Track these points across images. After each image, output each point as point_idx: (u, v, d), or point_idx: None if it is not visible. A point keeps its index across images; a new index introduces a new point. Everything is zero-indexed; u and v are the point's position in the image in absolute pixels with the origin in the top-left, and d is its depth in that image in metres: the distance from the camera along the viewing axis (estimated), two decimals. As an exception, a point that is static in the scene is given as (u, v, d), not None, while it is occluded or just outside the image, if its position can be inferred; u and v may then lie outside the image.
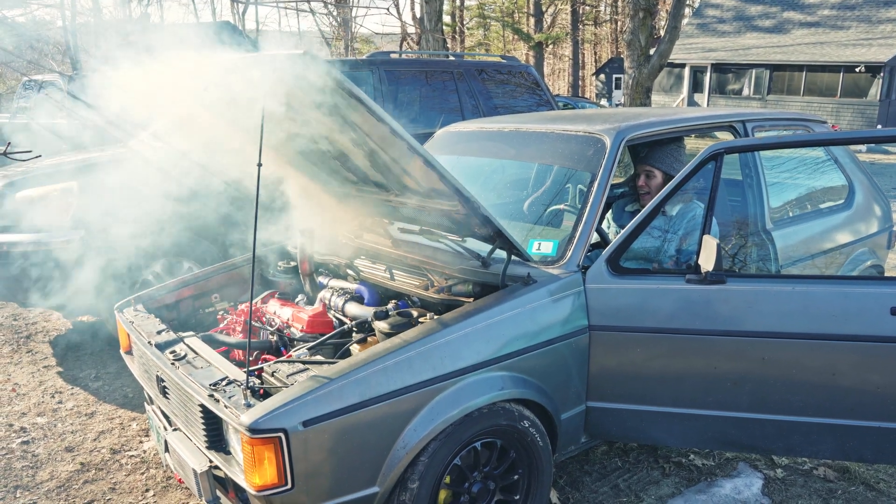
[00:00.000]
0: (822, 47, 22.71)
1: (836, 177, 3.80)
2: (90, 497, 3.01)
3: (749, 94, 24.04)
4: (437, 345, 2.16)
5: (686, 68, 25.33)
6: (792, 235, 3.31)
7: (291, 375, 2.15)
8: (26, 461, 3.31)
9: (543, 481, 2.51)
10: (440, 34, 14.56)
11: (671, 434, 2.59)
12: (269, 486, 1.92)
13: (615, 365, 2.52)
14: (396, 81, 5.91)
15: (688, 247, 2.89)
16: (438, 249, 2.80)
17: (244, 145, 2.79)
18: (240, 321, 2.88)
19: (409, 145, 2.06)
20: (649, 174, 3.14)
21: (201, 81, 2.41)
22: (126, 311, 2.93)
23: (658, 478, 3.03)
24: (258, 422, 1.88)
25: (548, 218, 3.04)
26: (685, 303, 2.42)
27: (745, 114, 3.38)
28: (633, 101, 13.13)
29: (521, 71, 6.90)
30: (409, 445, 2.09)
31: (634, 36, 12.71)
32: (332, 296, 2.87)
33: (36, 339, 4.98)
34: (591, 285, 2.49)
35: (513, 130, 3.27)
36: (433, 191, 2.36)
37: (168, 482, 3.10)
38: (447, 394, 2.15)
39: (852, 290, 2.33)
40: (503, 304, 2.32)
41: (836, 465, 3.08)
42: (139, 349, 2.68)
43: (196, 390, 2.17)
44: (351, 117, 2.13)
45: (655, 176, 3.13)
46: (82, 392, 4.07)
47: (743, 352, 2.38)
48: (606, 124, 2.89)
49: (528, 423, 2.39)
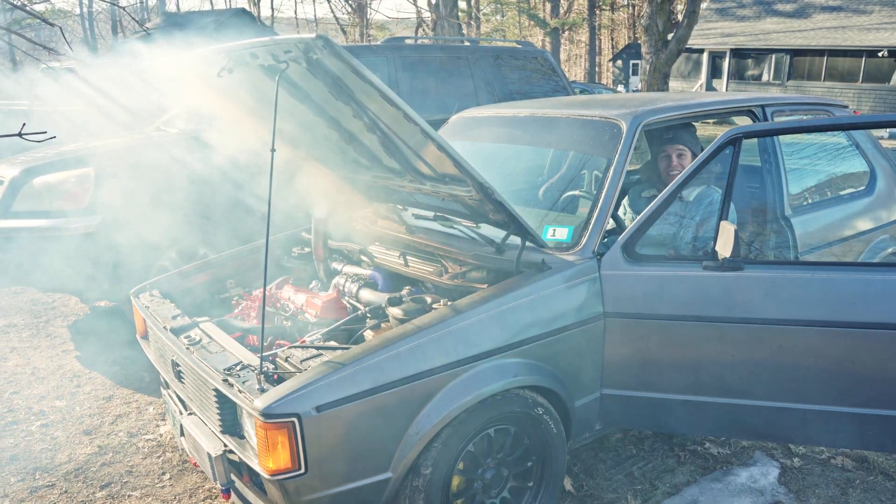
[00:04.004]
0: (844, 31, 22.32)
1: (858, 163, 3.73)
2: (107, 479, 3.04)
3: (769, 79, 23.70)
4: (450, 331, 2.15)
5: (704, 54, 25.01)
6: (811, 222, 3.26)
7: (305, 361, 2.15)
8: (45, 443, 3.35)
9: (557, 468, 2.51)
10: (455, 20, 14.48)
11: (686, 422, 2.57)
12: (283, 470, 1.93)
13: (630, 352, 2.50)
14: (411, 67, 5.87)
15: (705, 233, 2.86)
16: (452, 236, 2.78)
17: (258, 131, 2.79)
18: (254, 306, 2.88)
19: (423, 130, 2.04)
20: (681, 154, 3.11)
21: (216, 67, 2.41)
22: (142, 297, 2.95)
23: (673, 466, 3.02)
24: (272, 406, 1.89)
25: (563, 204, 3.01)
26: (702, 290, 2.39)
27: (764, 98, 3.33)
28: (650, 87, 13.01)
29: (537, 56, 6.83)
30: (422, 431, 2.09)
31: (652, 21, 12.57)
32: (345, 282, 2.87)
33: (54, 323, 5.04)
34: (607, 272, 2.46)
35: (528, 116, 3.24)
36: (447, 176, 2.34)
37: (184, 465, 3.13)
38: (461, 380, 2.15)
39: (873, 277, 2.29)
40: (517, 290, 2.30)
41: (854, 455, 3.05)
42: (155, 334, 2.70)
43: (211, 375, 2.18)
44: (365, 102, 2.12)
45: (686, 155, 3.10)
46: (99, 376, 4.11)
47: (760, 339, 2.35)
48: (623, 109, 2.86)
49: (542, 409, 2.38)
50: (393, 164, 2.52)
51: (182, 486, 2.98)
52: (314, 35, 1.87)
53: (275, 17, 34.43)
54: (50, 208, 4.22)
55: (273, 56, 2.09)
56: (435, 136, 2.06)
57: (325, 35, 1.88)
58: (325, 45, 1.87)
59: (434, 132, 2.06)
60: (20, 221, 4.23)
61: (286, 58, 2.04)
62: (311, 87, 2.23)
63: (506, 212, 2.30)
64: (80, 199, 4.23)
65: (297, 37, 1.92)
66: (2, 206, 4.26)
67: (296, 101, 2.41)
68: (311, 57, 1.96)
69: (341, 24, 28.97)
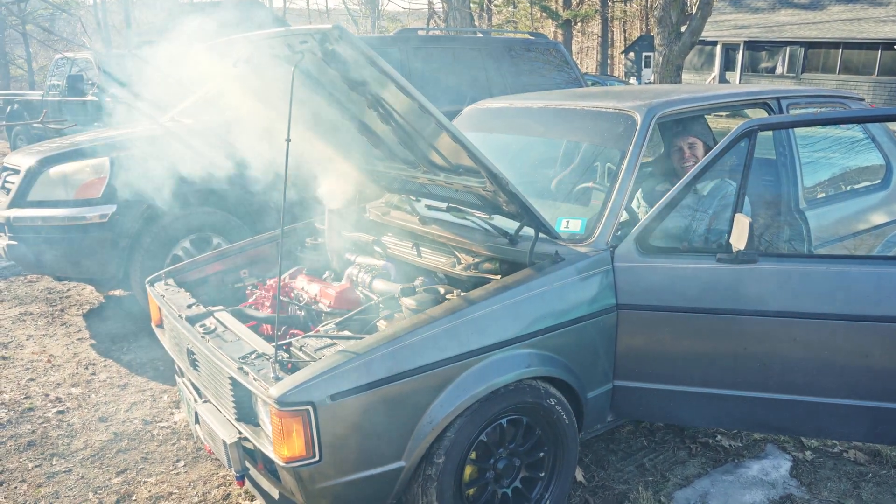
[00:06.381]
0: (859, 24, 22.08)
1: (874, 156, 3.70)
2: (123, 466, 3.08)
3: (783, 72, 23.51)
4: (463, 321, 2.16)
5: (718, 46, 24.81)
6: (826, 215, 3.24)
7: (319, 350, 2.16)
8: (62, 430, 3.39)
9: (569, 459, 2.52)
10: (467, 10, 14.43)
11: (698, 414, 2.57)
12: (297, 458, 1.95)
13: (643, 344, 2.50)
14: (424, 59, 5.87)
15: (719, 226, 2.85)
16: (465, 227, 2.79)
17: (273, 121, 2.80)
18: (268, 296, 2.90)
19: (438, 121, 2.04)
20: (693, 145, 3.10)
21: (230, 58, 2.42)
22: (157, 286, 2.98)
23: (684, 458, 3.02)
24: (287, 395, 1.90)
25: (576, 196, 3.01)
26: (715, 282, 2.39)
27: (779, 90, 3.30)
28: (663, 79, 12.93)
29: (550, 48, 6.81)
30: (435, 421, 2.10)
31: (665, 12, 12.48)
32: (359, 272, 2.88)
33: (70, 312, 5.09)
34: (620, 264, 2.46)
35: (541, 107, 3.24)
36: (461, 167, 2.34)
37: (198, 453, 3.16)
38: (473, 370, 2.16)
39: (887, 271, 2.28)
40: (530, 281, 2.30)
41: (867, 449, 3.04)
42: (170, 322, 2.72)
43: (226, 363, 2.19)
44: (380, 92, 2.12)
45: (698, 146, 3.09)
46: (115, 364, 4.15)
47: (774, 332, 2.34)
48: (637, 101, 2.85)
49: (555, 400, 2.39)
50: (407, 155, 2.52)
51: (197, 472, 3.02)
52: (330, 25, 1.88)
53: (287, 7, 34.41)
54: (66, 198, 4.26)
55: (289, 46, 2.09)
56: (450, 127, 2.06)
57: (341, 25, 1.89)
58: (341, 36, 1.88)
59: (449, 123, 2.06)
60: (36, 210, 4.27)
61: (302, 48, 2.05)
62: (327, 77, 2.24)
63: (519, 203, 2.30)
64: (96, 188, 4.26)
65: (314, 27, 1.92)
66: (18, 196, 4.31)
67: (311, 92, 2.42)
68: (326, 47, 1.96)
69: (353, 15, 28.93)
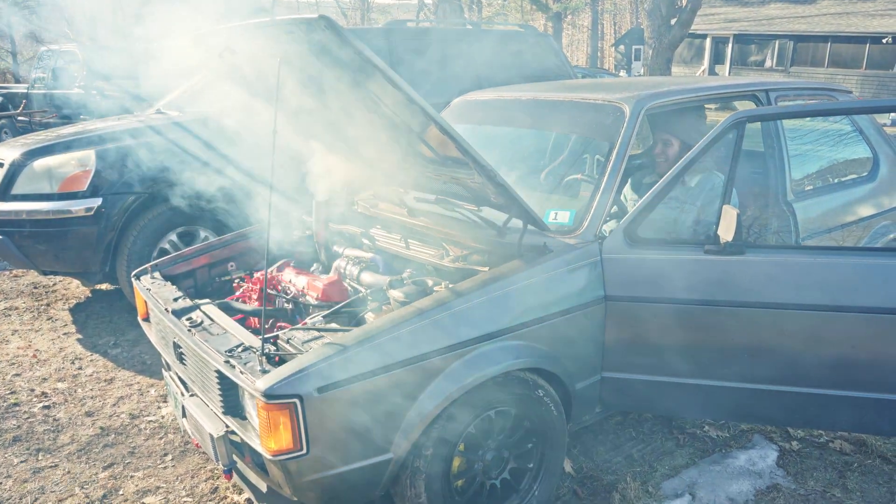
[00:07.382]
0: (848, 17, 22.18)
1: (861, 149, 3.72)
2: (110, 460, 3.06)
3: (772, 65, 23.57)
4: (451, 313, 2.15)
5: (707, 39, 24.86)
6: (814, 207, 3.26)
7: (307, 342, 2.15)
8: (48, 425, 3.37)
9: (557, 450, 2.52)
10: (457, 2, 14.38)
11: (686, 405, 2.58)
12: (285, 450, 1.94)
13: (631, 335, 2.51)
14: (413, 50, 5.84)
15: (706, 217, 2.85)
16: (454, 219, 2.78)
17: (259, 112, 2.78)
18: (255, 289, 2.89)
19: (426, 112, 2.03)
20: (666, 142, 3.10)
21: (217, 48, 2.39)
22: (143, 279, 2.95)
23: (672, 448, 3.03)
24: (273, 388, 1.89)
25: (565, 187, 3.01)
26: (703, 273, 2.39)
27: (768, 83, 3.31)
28: (653, 71, 12.93)
29: (540, 40, 6.79)
30: (423, 413, 2.09)
31: (655, 5, 12.47)
32: (347, 264, 2.87)
33: (56, 306, 5.05)
34: (608, 255, 2.46)
35: (530, 99, 3.23)
36: (449, 159, 2.33)
37: (186, 447, 3.15)
38: (462, 362, 2.15)
39: (874, 262, 2.29)
40: (519, 273, 2.30)
41: (852, 438, 3.07)
42: (156, 316, 2.70)
43: (212, 356, 2.18)
44: (367, 84, 2.10)
45: (672, 145, 3.08)
46: (101, 358, 4.12)
47: (761, 323, 2.35)
48: (626, 93, 2.84)
49: (543, 392, 2.39)
50: (395, 147, 2.51)
51: (184, 466, 3.00)
52: (317, 15, 1.85)
53: (275, -1, 34.11)
54: (51, 191, 4.22)
55: (275, 37, 2.07)
56: (438, 119, 2.05)
57: (327, 15, 1.87)
58: (327, 26, 1.86)
59: (437, 114, 2.05)
60: (21, 204, 4.23)
61: (288, 39, 2.03)
62: (313, 68, 2.21)
63: (508, 195, 2.30)
64: (81, 181, 4.22)
65: (300, 17, 1.90)
66: (2, 190, 4.26)
67: (297, 83, 2.39)
68: (313, 38, 1.94)
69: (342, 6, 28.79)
